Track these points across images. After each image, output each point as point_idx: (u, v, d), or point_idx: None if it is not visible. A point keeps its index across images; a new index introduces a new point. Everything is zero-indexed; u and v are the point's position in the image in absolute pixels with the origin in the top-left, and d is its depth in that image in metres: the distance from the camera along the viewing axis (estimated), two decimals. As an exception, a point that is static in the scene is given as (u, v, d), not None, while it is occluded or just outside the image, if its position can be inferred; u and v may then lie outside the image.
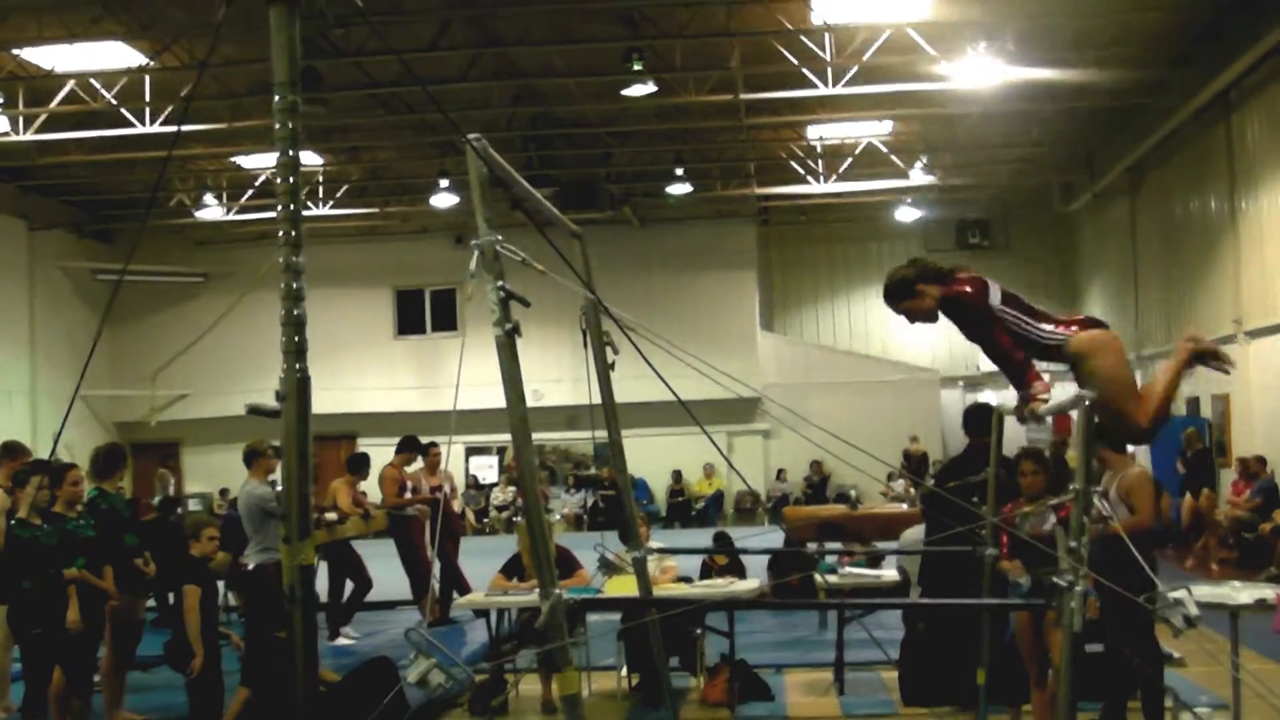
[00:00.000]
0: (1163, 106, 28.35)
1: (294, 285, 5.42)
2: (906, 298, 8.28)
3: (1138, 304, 34.00)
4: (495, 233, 6.70)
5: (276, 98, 5.47)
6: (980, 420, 13.15)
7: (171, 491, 33.98)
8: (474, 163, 6.80)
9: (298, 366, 5.39)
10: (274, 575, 13.95)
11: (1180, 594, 7.33)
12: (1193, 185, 29.50)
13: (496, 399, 7.58)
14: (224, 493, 38.09)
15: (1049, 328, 7.96)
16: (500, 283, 6.64)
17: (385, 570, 19.92)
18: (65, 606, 12.11)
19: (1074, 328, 8.01)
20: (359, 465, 19.99)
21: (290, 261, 5.42)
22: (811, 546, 17.87)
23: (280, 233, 5.46)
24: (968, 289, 8.01)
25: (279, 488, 12.79)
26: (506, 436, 32.34)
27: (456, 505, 24.63)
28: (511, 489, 39.47)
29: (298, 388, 5.37)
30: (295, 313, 5.40)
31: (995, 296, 8.00)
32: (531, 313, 6.77)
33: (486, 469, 41.19)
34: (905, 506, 23.19)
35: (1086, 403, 7.66)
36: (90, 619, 12.36)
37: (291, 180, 5.49)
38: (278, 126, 5.48)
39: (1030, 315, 8.04)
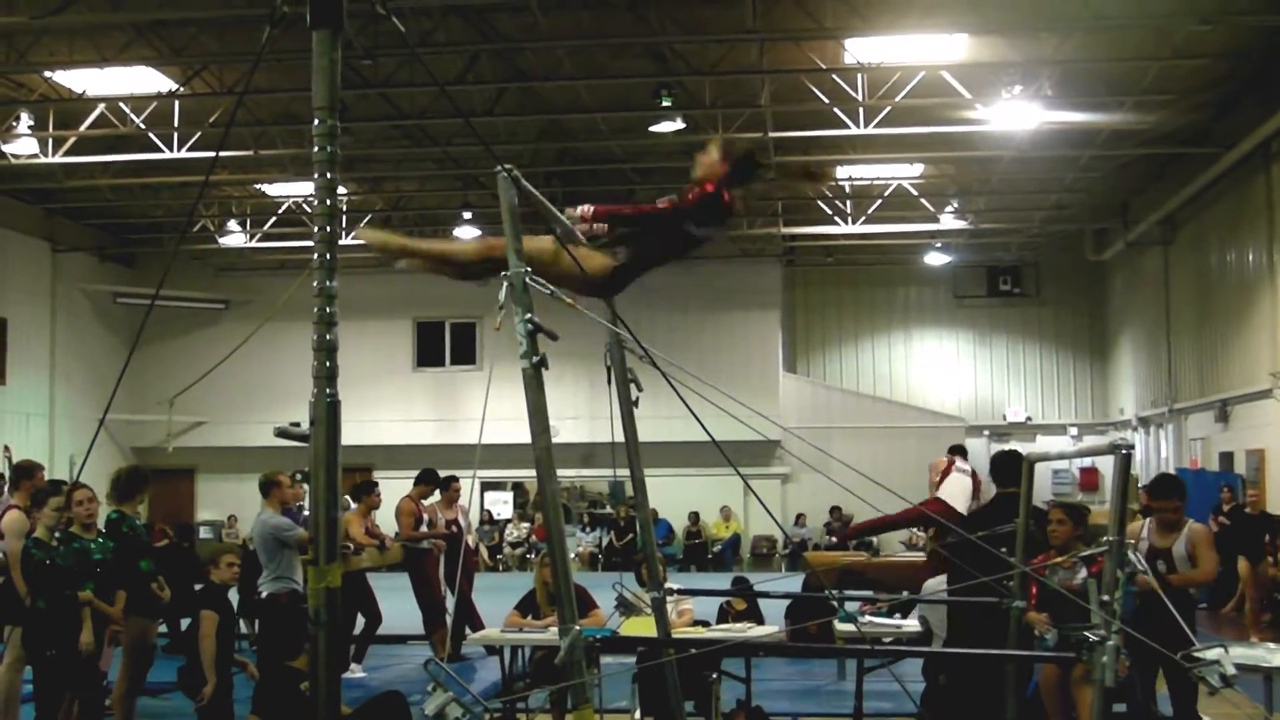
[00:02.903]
0: (1200, 155, 28.22)
1: (327, 309, 5.36)
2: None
3: (1170, 355, 33.79)
4: (524, 264, 6.60)
5: (316, 122, 5.44)
6: (1009, 469, 13.01)
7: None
8: (505, 193, 6.70)
9: (328, 391, 5.31)
10: (287, 604, 13.89)
11: (1216, 653, 7.20)
12: (1229, 236, 29.34)
13: (512, 434, 7.46)
14: (232, 519, 38.21)
15: None
16: (529, 315, 6.54)
17: (397, 604, 19.77)
18: (79, 628, 12.00)
19: None
20: (364, 491, 19.75)
21: (324, 285, 5.35)
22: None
23: (315, 255, 5.39)
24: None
25: (307, 513, 12.70)
26: (522, 472, 32.13)
27: (470, 540, 24.49)
28: (526, 525, 39.30)
29: (328, 412, 5.29)
30: (328, 337, 5.35)
31: None
32: (547, 350, 6.66)
33: (501, 504, 41.04)
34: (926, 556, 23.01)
35: (1123, 452, 7.52)
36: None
37: (329, 203, 5.42)
38: (316, 150, 5.46)
39: None
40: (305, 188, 31.71)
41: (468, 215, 33.36)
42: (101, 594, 12.32)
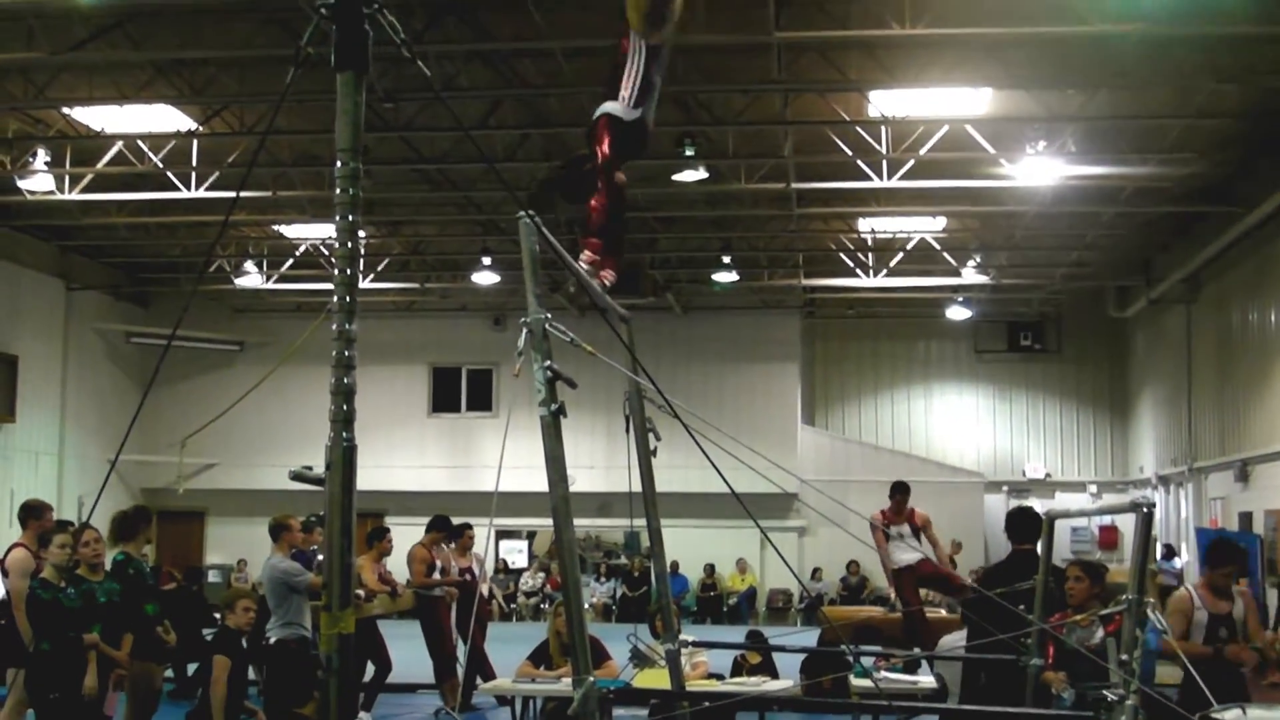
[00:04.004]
0: (1223, 214, 28.05)
1: (345, 353, 5.32)
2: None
3: (1190, 415, 33.51)
4: (544, 311, 6.54)
5: (339, 164, 5.43)
6: (1024, 526, 12.96)
7: None
8: (526, 239, 6.64)
9: (344, 435, 5.24)
10: (295, 650, 13.79)
11: (1234, 714, 7.11)
12: (1252, 296, 29.13)
13: (528, 482, 7.36)
14: (241, 563, 38.05)
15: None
16: (548, 362, 6.46)
17: (408, 652, 19.63)
18: (83, 671, 11.89)
19: None
20: (376, 536, 19.60)
21: (344, 328, 5.30)
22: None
23: (335, 298, 5.33)
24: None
25: (320, 557, 12.61)
26: (537, 520, 31.88)
27: (485, 589, 24.34)
28: (541, 575, 39.15)
29: (344, 457, 5.24)
30: (345, 381, 5.30)
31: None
32: (564, 398, 6.57)
33: (516, 553, 40.86)
34: (944, 612, 22.90)
35: (1144, 510, 7.39)
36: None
37: (350, 245, 5.38)
38: (339, 192, 5.44)
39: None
40: (323, 230, 31.71)
41: (487, 261, 33.30)
42: (106, 637, 12.23)
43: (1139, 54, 20.94)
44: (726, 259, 33.58)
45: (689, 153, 24.58)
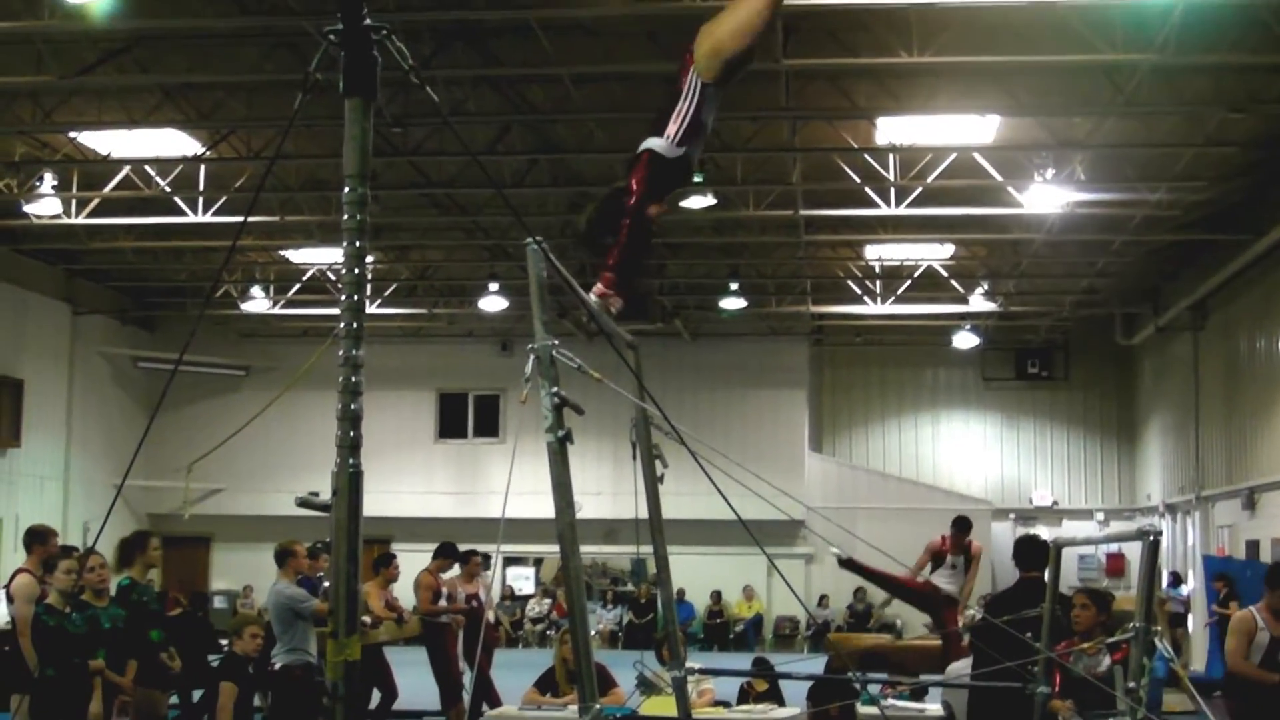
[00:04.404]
0: (1232, 242, 28.02)
1: (352, 379, 5.27)
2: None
3: (1198, 442, 33.45)
4: (551, 337, 6.51)
5: (346, 189, 5.36)
6: (1031, 554, 12.92)
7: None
8: (534, 265, 6.62)
9: (351, 461, 5.21)
10: (300, 677, 13.74)
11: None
12: (1259, 324, 29.10)
13: (535, 508, 7.32)
14: (247, 589, 37.93)
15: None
16: (555, 388, 6.44)
17: (414, 678, 19.58)
18: (88, 697, 11.85)
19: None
20: (382, 562, 19.56)
21: (350, 354, 5.27)
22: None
23: (341, 323, 5.29)
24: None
25: (327, 584, 12.57)
26: (544, 547, 31.79)
27: (491, 616, 24.29)
28: (548, 601, 39.06)
29: (350, 483, 5.19)
30: (352, 406, 5.26)
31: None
32: (571, 424, 6.55)
33: (523, 580, 40.73)
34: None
35: (1151, 538, 7.37)
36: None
37: (357, 271, 5.35)
38: (346, 217, 5.37)
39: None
40: (330, 254, 31.66)
41: (494, 286, 33.29)
42: (111, 663, 12.19)
43: (1148, 82, 20.93)
44: (734, 285, 33.56)
45: (697, 179, 24.54)
